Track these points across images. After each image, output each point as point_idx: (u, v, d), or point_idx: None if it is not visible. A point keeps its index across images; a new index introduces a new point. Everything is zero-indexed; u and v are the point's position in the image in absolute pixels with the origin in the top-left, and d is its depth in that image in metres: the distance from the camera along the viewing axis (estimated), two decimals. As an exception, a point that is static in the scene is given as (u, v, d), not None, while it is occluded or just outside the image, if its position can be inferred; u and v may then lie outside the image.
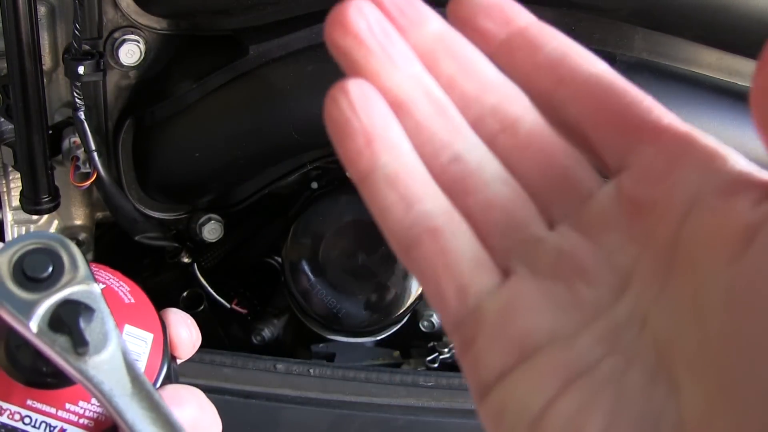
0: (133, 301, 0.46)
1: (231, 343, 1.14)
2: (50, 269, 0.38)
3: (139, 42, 0.87)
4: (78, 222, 1.02)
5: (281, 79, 0.86)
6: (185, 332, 0.47)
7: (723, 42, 0.85)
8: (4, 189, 0.97)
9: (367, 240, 1.02)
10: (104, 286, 0.45)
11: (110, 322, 0.39)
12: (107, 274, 0.47)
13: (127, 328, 0.44)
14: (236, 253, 1.12)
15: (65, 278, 0.38)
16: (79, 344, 0.37)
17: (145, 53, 0.89)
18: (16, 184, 0.96)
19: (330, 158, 0.99)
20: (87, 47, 0.85)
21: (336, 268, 1.04)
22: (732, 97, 0.85)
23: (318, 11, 0.85)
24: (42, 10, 0.86)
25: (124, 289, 0.46)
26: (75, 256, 0.39)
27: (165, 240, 1.03)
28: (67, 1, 0.87)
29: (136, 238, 1.00)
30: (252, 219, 1.12)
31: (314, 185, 1.09)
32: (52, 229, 1.01)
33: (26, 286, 0.38)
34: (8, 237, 0.99)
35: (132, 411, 0.38)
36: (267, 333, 1.18)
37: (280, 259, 1.11)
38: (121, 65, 0.88)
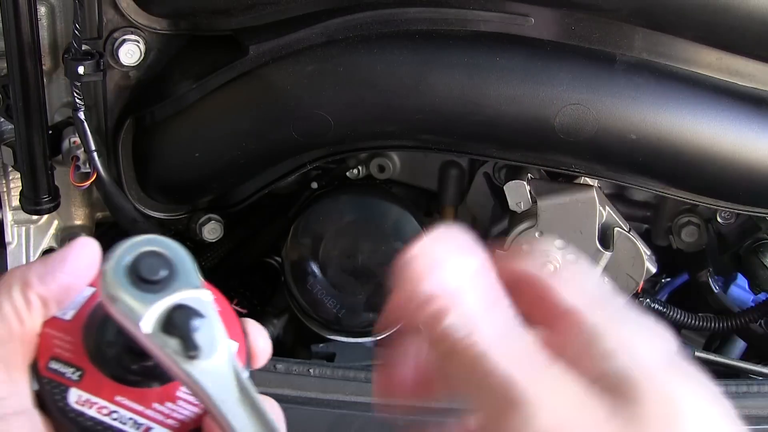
0: (219, 309, 0.46)
1: (231, 343, 1.14)
2: (165, 273, 0.39)
3: (139, 42, 0.87)
4: (78, 222, 1.02)
5: (281, 79, 0.86)
6: (263, 342, 0.47)
7: (723, 42, 0.85)
8: (4, 189, 0.97)
9: (367, 240, 1.01)
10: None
11: (219, 329, 0.39)
12: None
13: None
14: (236, 253, 1.12)
15: (178, 283, 0.39)
16: (190, 348, 0.38)
17: (145, 53, 0.89)
18: (16, 184, 0.96)
19: (330, 158, 0.98)
20: (87, 47, 0.85)
21: (336, 268, 1.04)
22: (732, 97, 0.85)
23: (318, 11, 0.85)
24: (42, 10, 0.86)
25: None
26: (188, 262, 0.40)
27: (165, 240, 1.03)
28: (67, 1, 0.87)
29: (136, 238, 1.00)
30: (252, 219, 1.12)
31: (314, 185, 1.09)
32: (52, 230, 1.01)
33: (141, 287, 0.38)
34: (8, 237, 0.99)
35: (238, 417, 0.38)
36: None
37: (280, 259, 1.11)
38: (121, 65, 0.88)
